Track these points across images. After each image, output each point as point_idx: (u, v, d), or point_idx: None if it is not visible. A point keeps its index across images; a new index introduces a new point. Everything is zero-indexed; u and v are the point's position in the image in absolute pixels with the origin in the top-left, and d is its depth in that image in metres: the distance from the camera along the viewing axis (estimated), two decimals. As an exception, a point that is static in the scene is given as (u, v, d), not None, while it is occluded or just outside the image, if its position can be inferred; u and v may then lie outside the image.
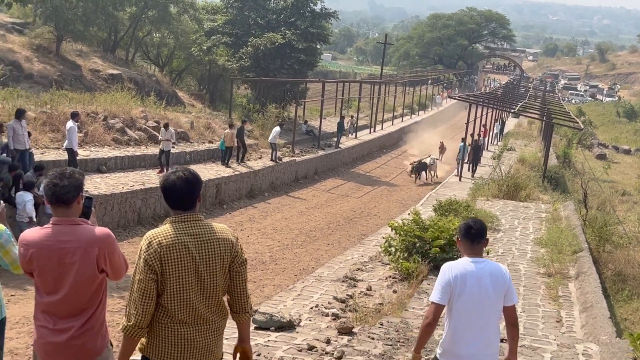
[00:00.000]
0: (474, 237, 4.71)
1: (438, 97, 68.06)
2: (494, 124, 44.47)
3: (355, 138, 39.23)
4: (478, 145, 32.22)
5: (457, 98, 43.70)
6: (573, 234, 15.68)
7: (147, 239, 3.75)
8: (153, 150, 22.72)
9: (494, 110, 44.43)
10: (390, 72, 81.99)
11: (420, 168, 32.22)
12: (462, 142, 29.63)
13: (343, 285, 11.71)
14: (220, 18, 41.64)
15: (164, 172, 19.37)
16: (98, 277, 4.07)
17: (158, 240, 3.71)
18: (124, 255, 4.25)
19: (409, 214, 14.24)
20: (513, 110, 40.00)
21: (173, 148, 21.65)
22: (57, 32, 30.92)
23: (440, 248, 11.84)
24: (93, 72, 31.96)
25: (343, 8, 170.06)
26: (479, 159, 31.78)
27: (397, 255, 12.50)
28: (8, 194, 13.68)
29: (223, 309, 3.94)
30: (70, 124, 17.02)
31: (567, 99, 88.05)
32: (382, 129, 45.20)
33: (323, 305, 10.24)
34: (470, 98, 36.75)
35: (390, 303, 10.31)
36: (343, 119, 36.41)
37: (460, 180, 27.91)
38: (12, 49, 28.50)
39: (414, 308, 9.94)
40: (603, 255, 16.27)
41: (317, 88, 49.13)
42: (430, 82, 71.73)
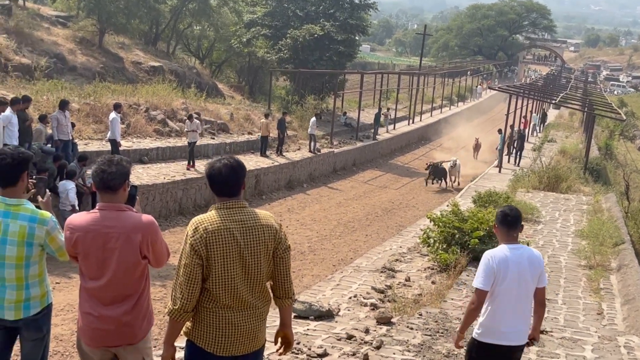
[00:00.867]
0: (510, 223, 5.14)
1: (479, 88, 67.34)
2: (532, 115, 43.88)
3: (393, 129, 39.11)
4: (522, 135, 31.95)
5: (497, 89, 43.21)
6: (615, 226, 15.44)
7: (193, 225, 3.82)
8: (193, 142, 22.96)
9: (534, 102, 43.85)
10: (429, 63, 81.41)
11: (437, 173, 27.74)
12: (499, 133, 29.35)
13: (382, 276, 11.74)
14: (260, 10, 41.76)
15: (193, 168, 19.59)
16: (141, 263, 4.17)
17: (204, 226, 3.78)
18: (166, 244, 4.35)
19: (448, 206, 14.21)
20: (554, 101, 39.44)
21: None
22: (99, 24, 31.37)
23: (480, 239, 11.79)
24: (135, 64, 32.38)
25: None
26: (523, 148, 31.41)
27: (435, 247, 12.51)
28: (53, 184, 13.99)
29: (266, 295, 4.00)
30: (113, 115, 17.31)
31: (608, 90, 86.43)
32: (420, 121, 44.97)
33: (361, 296, 10.28)
34: (511, 89, 36.30)
35: (429, 294, 10.31)
36: (380, 111, 36.33)
37: (500, 172, 27.64)
38: (56, 42, 28.99)
39: (453, 299, 9.93)
40: (645, 248, 16.02)
41: (355, 79, 49.03)
42: (470, 73, 71.04)
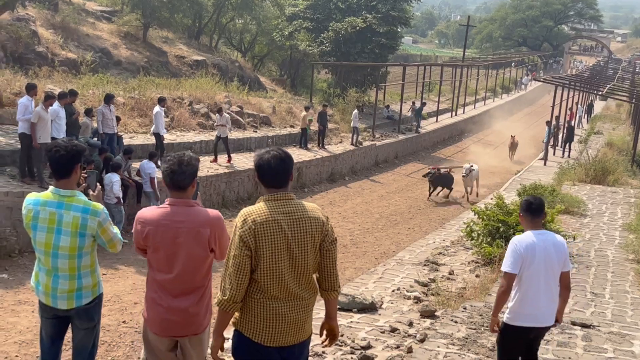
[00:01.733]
0: (534, 211, 5.38)
1: (526, 78, 66.38)
2: (578, 107, 43.11)
3: (436, 121, 38.84)
4: (571, 126, 31.53)
5: (542, 80, 42.44)
6: (664, 220, 15.14)
7: (242, 216, 3.86)
8: (236, 135, 23.12)
9: (580, 93, 43.09)
10: (473, 54, 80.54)
11: (440, 181, 22.95)
12: (547, 125, 28.96)
13: (425, 269, 11.71)
14: (302, 3, 41.79)
15: (217, 160, 19.53)
16: (209, 256, 4.33)
17: (252, 218, 3.82)
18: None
19: (492, 199, 14.08)
20: (600, 93, 38.67)
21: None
22: (143, 19, 31.73)
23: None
24: (178, 58, 32.71)
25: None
26: (572, 139, 30.92)
27: (479, 240, 12.41)
28: (99, 176, 14.25)
29: (313, 286, 4.02)
30: (157, 109, 17.52)
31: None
32: (463, 113, 44.57)
33: (405, 289, 10.27)
34: (556, 80, 35.69)
35: (473, 287, 10.25)
36: (424, 105, 36.05)
37: (546, 164, 27.26)
38: (101, 37, 29.43)
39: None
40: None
41: (397, 72, 48.77)
42: (514, 64, 70.08)
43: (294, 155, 22.62)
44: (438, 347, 7.22)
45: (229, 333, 4.17)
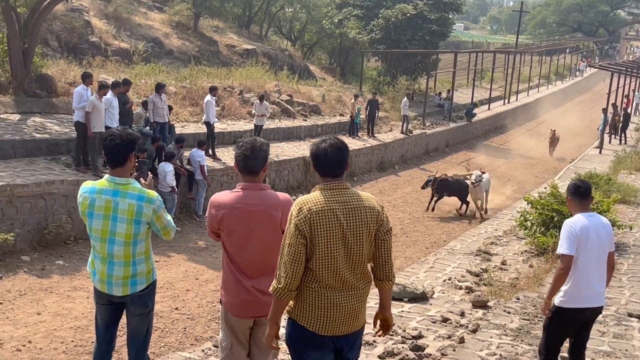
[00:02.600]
0: (583, 194, 5.50)
1: (582, 65, 64.98)
2: (635, 94, 42.00)
3: (488, 109, 38.33)
4: (628, 113, 30.93)
5: (598, 67, 41.47)
6: None
7: (297, 205, 3.86)
8: (286, 124, 23.19)
9: (637, 80, 41.96)
10: (526, 41, 79.17)
11: (447, 188, 18.63)
12: (603, 113, 28.29)
13: (476, 259, 11.56)
14: (352, -10, 41.63)
15: None
16: (281, 237, 4.31)
17: (308, 207, 3.81)
18: None
19: (546, 188, 13.81)
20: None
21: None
22: (194, 8, 31.95)
23: (580, 222, 11.39)
24: (229, 47, 32.87)
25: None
26: (627, 127, 30.23)
27: (533, 230, 12.18)
28: (152, 165, 14.44)
29: (367, 276, 3.99)
30: (208, 98, 17.61)
31: None
32: (516, 100, 43.86)
33: (456, 279, 10.16)
34: (612, 66, 34.82)
35: (526, 278, 10.09)
36: (475, 106, 35.27)
37: (601, 153, 26.64)
38: (153, 26, 29.74)
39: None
40: None
41: (448, 59, 48.26)
42: (569, 50, 68.59)
43: (344, 144, 22.61)
44: (491, 337, 7.13)
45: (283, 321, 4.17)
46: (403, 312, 8.20)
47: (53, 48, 22.61)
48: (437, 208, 18.81)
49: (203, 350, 6.96)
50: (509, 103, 42.30)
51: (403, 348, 6.83)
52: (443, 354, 6.75)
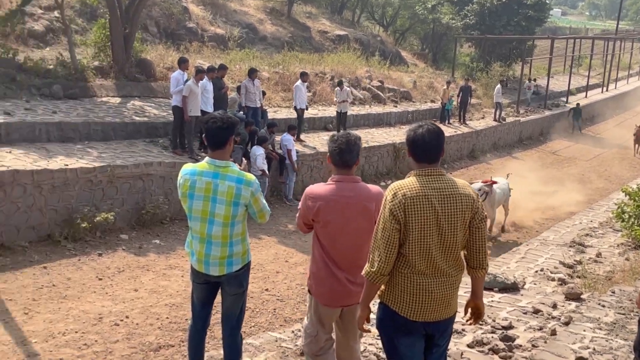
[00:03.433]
0: None
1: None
2: None
3: (585, 96, 37.06)
4: None
5: None
6: None
7: (392, 190, 3.86)
8: (376, 110, 23.16)
9: None
10: (627, 27, 75.94)
11: None
12: None
13: (570, 251, 11.28)
14: (445, -25, 41.01)
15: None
16: (374, 229, 4.40)
17: (403, 192, 3.80)
18: None
19: (645, 180, 13.31)
20: None
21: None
22: (288, -5, 32.30)
23: (681, 216, 10.95)
24: (321, 33, 33.03)
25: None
26: None
27: (631, 222, 11.76)
28: (245, 149, 14.72)
29: (460, 264, 3.97)
30: (298, 83, 17.76)
31: None
32: (615, 88, 42.24)
33: (549, 270, 9.94)
34: None
35: (623, 271, 9.77)
36: (579, 107, 33.02)
37: None
38: (247, 12, 30.20)
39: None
40: None
41: (545, 45, 46.91)
42: (673, 37, 65.42)
43: (435, 131, 22.39)
44: (584, 330, 6.97)
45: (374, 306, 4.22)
46: (493, 301, 8.10)
47: (152, 33, 23.33)
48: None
49: (293, 332, 7.09)
50: (608, 91, 40.78)
51: (493, 338, 6.76)
52: (534, 346, 6.64)
